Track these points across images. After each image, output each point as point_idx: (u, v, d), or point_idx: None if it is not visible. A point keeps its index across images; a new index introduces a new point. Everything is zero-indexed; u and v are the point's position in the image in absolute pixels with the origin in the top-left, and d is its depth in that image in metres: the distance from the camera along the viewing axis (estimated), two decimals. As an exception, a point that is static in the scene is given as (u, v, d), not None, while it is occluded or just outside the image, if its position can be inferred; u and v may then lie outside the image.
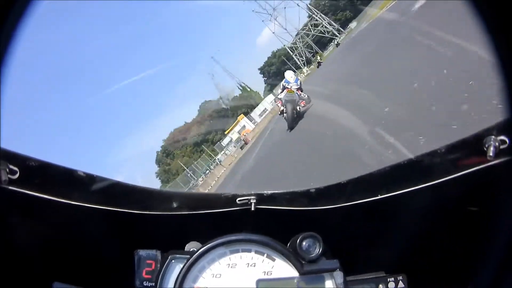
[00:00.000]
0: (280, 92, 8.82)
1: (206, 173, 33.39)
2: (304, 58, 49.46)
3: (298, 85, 8.54)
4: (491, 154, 0.48)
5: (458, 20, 3.56)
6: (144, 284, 0.60)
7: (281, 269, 0.62)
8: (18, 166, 0.52)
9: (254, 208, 0.66)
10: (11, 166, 0.52)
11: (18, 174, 0.52)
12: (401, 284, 0.63)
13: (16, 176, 0.52)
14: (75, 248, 0.64)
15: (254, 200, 0.66)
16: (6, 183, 0.51)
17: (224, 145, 40.94)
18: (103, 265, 0.64)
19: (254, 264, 0.62)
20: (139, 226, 0.67)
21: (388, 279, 0.64)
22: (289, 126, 8.41)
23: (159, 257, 0.62)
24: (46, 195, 0.56)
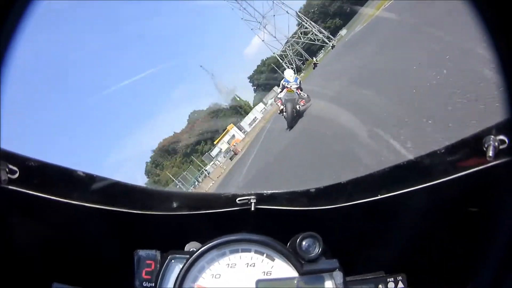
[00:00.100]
0: (280, 91, 8.82)
1: (195, 184, 33.10)
2: (294, 66, 48.82)
3: (298, 84, 8.53)
4: (490, 154, 0.48)
5: (458, 20, 3.57)
6: (143, 284, 0.60)
7: (280, 269, 0.61)
8: (18, 166, 0.53)
9: (254, 208, 0.66)
10: (10, 166, 0.52)
11: (18, 174, 0.52)
12: (400, 284, 0.63)
13: (16, 176, 0.52)
14: (74, 248, 0.64)
15: (254, 200, 0.66)
16: (5, 183, 0.51)
17: (214, 155, 40.40)
18: (103, 265, 0.64)
19: (253, 264, 0.62)
20: (139, 226, 0.67)
21: (388, 279, 0.64)
22: (288, 125, 8.41)
23: (158, 257, 0.62)
24: (46, 195, 0.56)
